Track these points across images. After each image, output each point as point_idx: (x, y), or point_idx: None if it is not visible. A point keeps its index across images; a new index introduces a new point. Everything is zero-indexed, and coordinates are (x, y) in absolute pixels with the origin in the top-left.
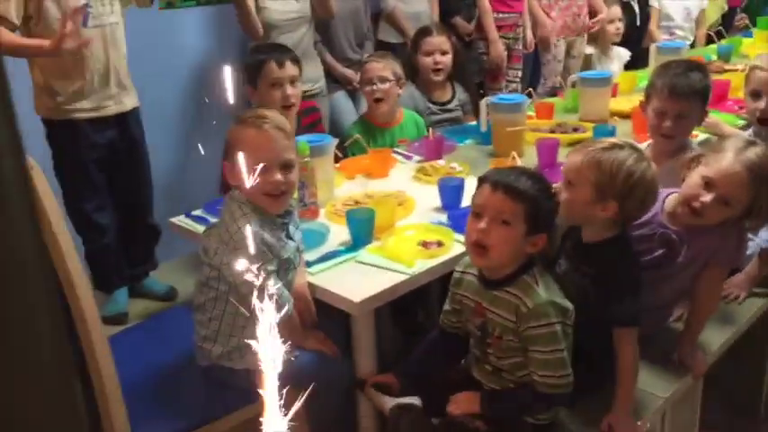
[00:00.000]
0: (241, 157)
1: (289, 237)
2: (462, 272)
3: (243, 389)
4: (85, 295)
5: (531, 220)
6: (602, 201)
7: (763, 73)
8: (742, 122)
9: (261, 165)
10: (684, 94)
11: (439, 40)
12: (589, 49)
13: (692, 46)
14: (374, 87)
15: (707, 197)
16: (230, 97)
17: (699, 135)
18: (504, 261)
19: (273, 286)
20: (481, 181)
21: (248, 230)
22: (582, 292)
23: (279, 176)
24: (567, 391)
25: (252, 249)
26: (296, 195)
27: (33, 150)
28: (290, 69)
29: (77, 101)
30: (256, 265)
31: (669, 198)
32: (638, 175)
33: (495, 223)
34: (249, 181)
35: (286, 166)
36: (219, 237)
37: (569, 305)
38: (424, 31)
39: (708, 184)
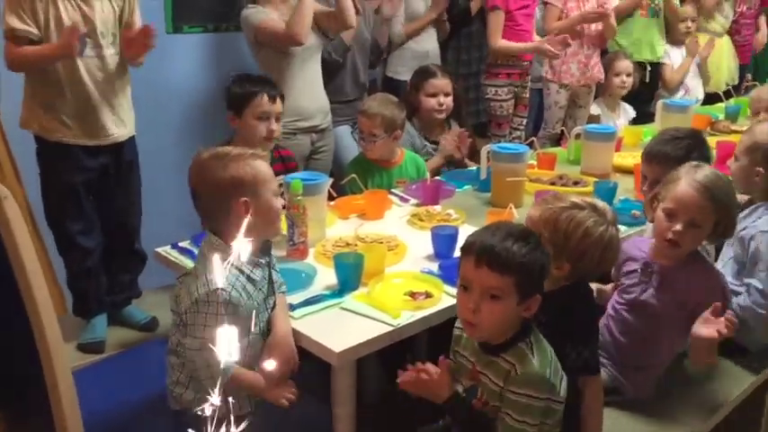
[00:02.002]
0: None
1: (268, 278)
2: (462, 329)
3: None
4: (50, 324)
5: (523, 288)
6: (556, 260)
7: None
8: None
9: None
10: (659, 160)
11: (443, 83)
12: (595, 109)
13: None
14: (363, 143)
15: (677, 226)
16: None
17: None
18: (497, 333)
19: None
20: (464, 251)
21: (228, 297)
22: None
23: (279, 204)
24: None
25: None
26: (284, 232)
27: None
28: (279, 106)
29: (70, 126)
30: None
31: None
32: (594, 237)
33: (484, 299)
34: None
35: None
36: (189, 291)
37: (558, 382)
38: (428, 72)
39: (670, 215)
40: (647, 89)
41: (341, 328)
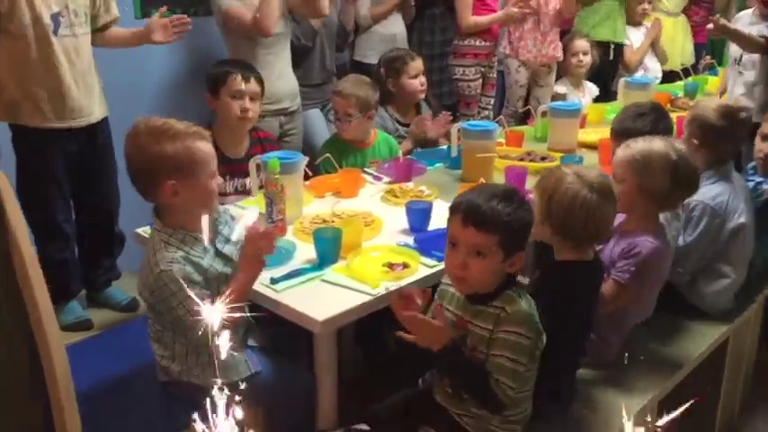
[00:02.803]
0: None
1: (218, 253)
2: (448, 284)
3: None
4: (44, 303)
5: (507, 246)
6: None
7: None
8: None
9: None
10: (629, 135)
11: (419, 63)
12: (561, 88)
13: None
14: (339, 123)
15: (619, 188)
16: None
17: None
18: (484, 285)
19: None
20: (452, 210)
21: (173, 273)
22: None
23: (214, 185)
24: (507, 404)
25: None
26: (263, 210)
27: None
28: (254, 86)
29: (45, 111)
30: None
31: None
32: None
33: (471, 256)
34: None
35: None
36: (145, 283)
37: (542, 331)
38: (408, 56)
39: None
40: (611, 68)
41: (323, 299)
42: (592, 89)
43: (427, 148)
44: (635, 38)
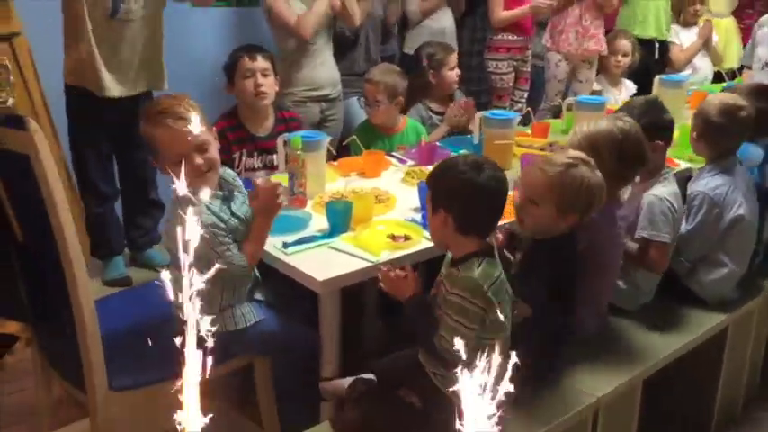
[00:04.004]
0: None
1: (233, 214)
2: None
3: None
4: (77, 255)
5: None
6: (565, 213)
7: None
8: None
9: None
10: None
11: (455, 56)
12: (597, 85)
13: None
14: (369, 109)
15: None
16: None
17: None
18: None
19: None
20: None
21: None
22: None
23: (199, 160)
24: (448, 360)
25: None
26: (286, 184)
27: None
28: (262, 62)
29: (102, 78)
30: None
31: None
32: (596, 187)
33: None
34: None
35: (201, 148)
36: (170, 236)
37: (495, 300)
38: (449, 48)
39: None
40: (656, 66)
41: (327, 263)
42: (629, 86)
43: (459, 135)
44: (685, 37)
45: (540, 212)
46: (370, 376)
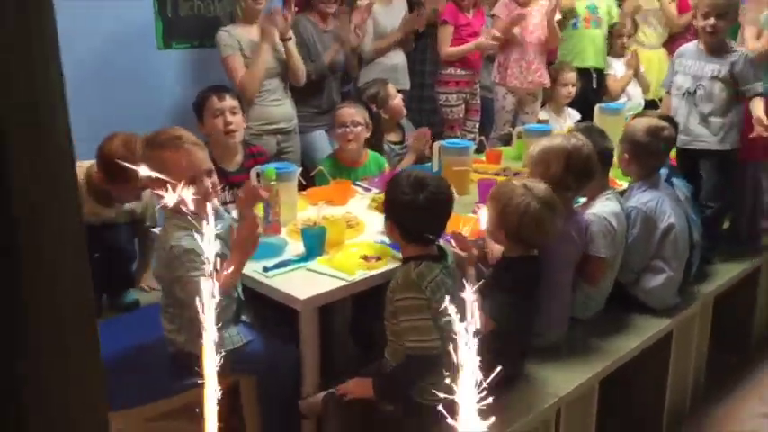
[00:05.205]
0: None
1: (217, 236)
2: None
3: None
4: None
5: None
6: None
7: None
8: None
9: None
10: None
11: (392, 87)
12: (543, 115)
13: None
14: (347, 130)
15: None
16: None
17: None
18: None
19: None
20: None
21: (182, 246)
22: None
23: (207, 183)
24: (436, 353)
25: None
26: (261, 213)
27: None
28: (230, 101)
29: None
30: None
31: None
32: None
33: None
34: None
35: (209, 173)
36: (158, 257)
37: (432, 296)
38: (385, 82)
39: None
40: (594, 95)
41: (306, 283)
42: (573, 114)
43: (421, 163)
44: (617, 68)
45: (499, 237)
46: None
